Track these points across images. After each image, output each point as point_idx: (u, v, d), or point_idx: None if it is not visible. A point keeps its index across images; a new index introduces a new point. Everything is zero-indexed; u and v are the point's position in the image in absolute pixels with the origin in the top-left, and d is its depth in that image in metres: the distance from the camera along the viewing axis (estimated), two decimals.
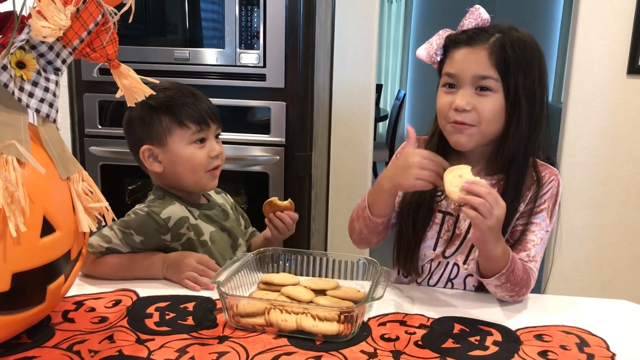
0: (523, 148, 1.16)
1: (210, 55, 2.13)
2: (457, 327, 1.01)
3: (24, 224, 0.78)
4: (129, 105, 1.02)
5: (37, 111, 0.88)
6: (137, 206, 1.29)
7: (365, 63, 2.55)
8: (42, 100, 0.88)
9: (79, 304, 1.05)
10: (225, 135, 1.43)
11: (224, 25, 2.10)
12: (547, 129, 1.19)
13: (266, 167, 2.17)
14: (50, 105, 0.90)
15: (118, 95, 1.02)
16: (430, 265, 1.23)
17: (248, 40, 2.09)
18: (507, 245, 1.09)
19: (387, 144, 5.25)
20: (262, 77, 2.11)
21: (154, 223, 1.25)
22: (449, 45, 1.17)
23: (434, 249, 1.23)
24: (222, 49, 2.12)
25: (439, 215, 1.23)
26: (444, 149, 1.21)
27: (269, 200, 1.37)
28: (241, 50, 2.10)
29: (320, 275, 1.18)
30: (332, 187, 2.64)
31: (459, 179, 1.02)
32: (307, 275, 1.18)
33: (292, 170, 2.18)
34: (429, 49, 1.20)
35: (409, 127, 1.16)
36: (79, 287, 1.12)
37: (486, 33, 1.14)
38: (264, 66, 2.10)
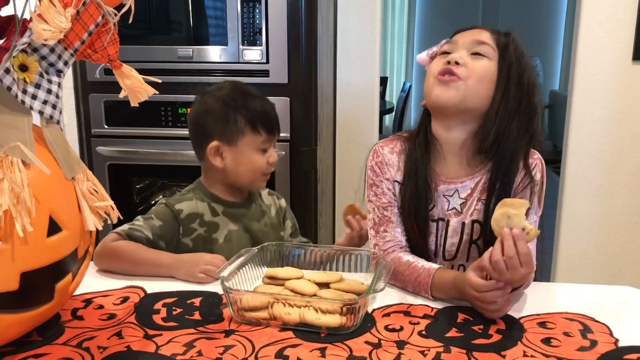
0: (512, 145, 1.13)
1: (213, 53, 2.14)
2: (461, 316, 1.02)
3: (30, 224, 0.80)
4: (132, 105, 1.03)
5: (41, 113, 0.90)
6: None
7: (368, 56, 2.54)
8: (45, 102, 0.90)
9: (88, 302, 1.07)
10: None
11: (227, 22, 2.10)
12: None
13: None
14: (54, 106, 0.92)
15: (121, 95, 1.03)
16: None
17: (251, 36, 2.10)
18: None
19: None
20: (265, 73, 2.12)
21: (171, 212, 1.32)
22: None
23: (434, 255, 1.21)
24: (225, 46, 2.13)
25: (433, 225, 1.20)
26: (427, 148, 1.19)
27: (351, 204, 1.41)
28: (244, 47, 2.11)
29: (325, 269, 1.19)
30: (339, 181, 2.64)
31: (506, 219, 0.97)
32: (312, 269, 1.19)
33: (298, 165, 2.19)
34: (430, 54, 1.23)
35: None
36: (87, 285, 1.13)
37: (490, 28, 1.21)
38: (267, 62, 2.11)
